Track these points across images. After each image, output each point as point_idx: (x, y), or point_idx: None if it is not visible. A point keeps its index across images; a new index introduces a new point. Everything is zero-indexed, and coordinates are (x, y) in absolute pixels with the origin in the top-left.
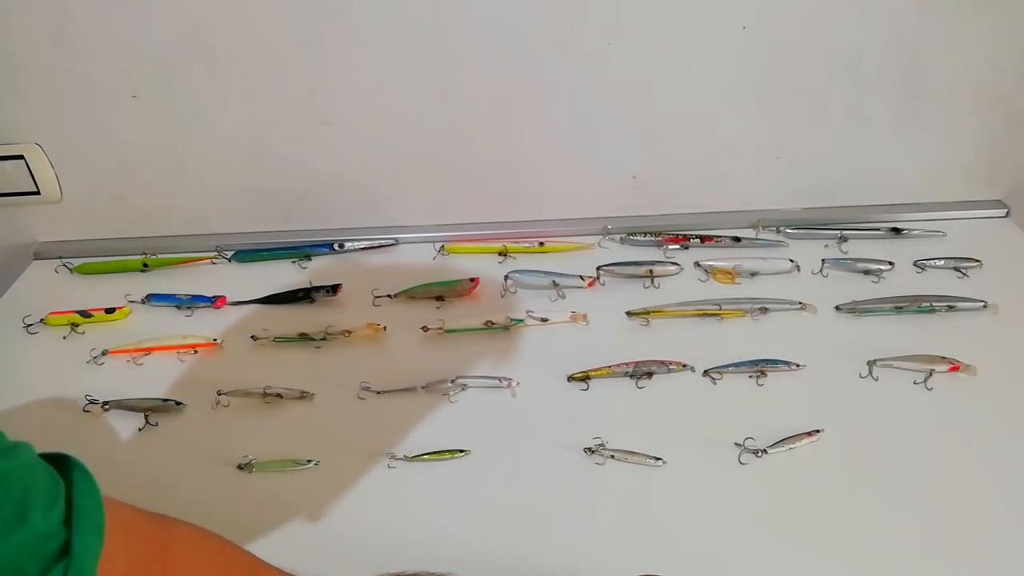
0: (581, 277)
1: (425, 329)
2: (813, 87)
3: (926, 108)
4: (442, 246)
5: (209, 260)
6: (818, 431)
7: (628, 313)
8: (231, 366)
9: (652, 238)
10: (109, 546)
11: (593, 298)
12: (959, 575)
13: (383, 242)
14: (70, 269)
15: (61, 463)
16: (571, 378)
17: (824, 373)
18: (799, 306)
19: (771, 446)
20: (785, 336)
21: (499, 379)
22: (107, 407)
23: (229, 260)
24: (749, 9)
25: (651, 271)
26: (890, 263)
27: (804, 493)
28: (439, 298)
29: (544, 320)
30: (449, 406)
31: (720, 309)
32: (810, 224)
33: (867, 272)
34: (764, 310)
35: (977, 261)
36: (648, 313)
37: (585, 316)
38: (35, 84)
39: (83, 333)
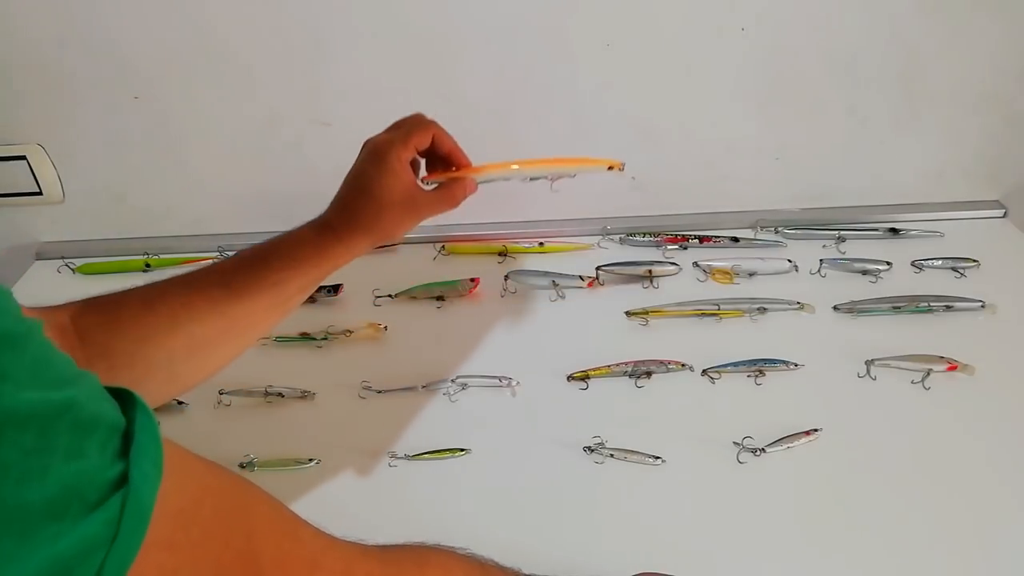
0: (581, 277)
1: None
2: (812, 88)
3: (924, 109)
4: (442, 246)
5: (211, 260)
6: (816, 430)
7: (627, 313)
8: (232, 365)
9: (651, 238)
10: (164, 484)
11: (592, 298)
12: (957, 573)
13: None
14: (72, 269)
15: (123, 397)
16: (571, 377)
17: (822, 373)
18: (797, 306)
19: (769, 445)
20: (783, 336)
21: (499, 378)
22: None
23: None
24: (748, 10)
25: (650, 271)
26: (888, 263)
27: (802, 492)
28: (439, 298)
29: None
30: (449, 405)
31: (719, 309)
32: (808, 224)
33: (865, 272)
34: (762, 310)
35: (975, 261)
36: (647, 313)
37: (623, 165)
38: (37, 85)
39: None
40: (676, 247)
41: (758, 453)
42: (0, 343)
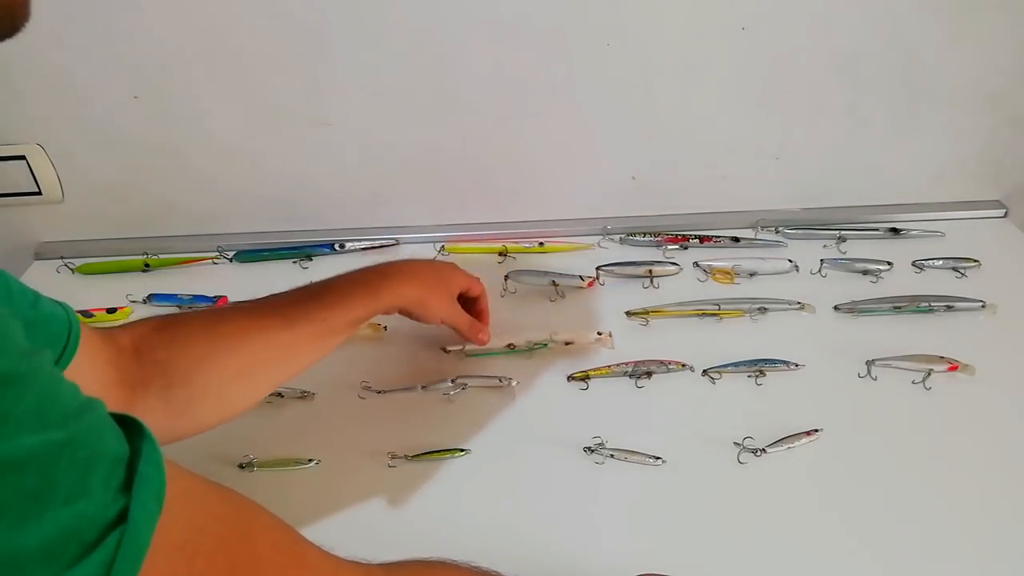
0: (581, 277)
1: (445, 350)
2: (812, 88)
3: (925, 109)
4: (442, 246)
5: (210, 260)
6: (817, 430)
7: (628, 313)
8: None
9: (651, 238)
10: (168, 515)
11: (592, 298)
12: (957, 573)
13: (384, 242)
14: (72, 269)
15: (128, 425)
16: (571, 377)
17: (823, 373)
18: (798, 306)
19: (770, 445)
20: (784, 336)
21: (499, 378)
22: None
23: (230, 260)
24: (748, 10)
25: (650, 271)
26: (888, 263)
27: (803, 492)
28: None
29: (569, 343)
30: (449, 406)
31: (719, 309)
32: (809, 224)
33: (866, 272)
34: (763, 310)
35: (975, 261)
36: (647, 313)
37: (611, 335)
38: (37, 85)
39: None
40: (676, 247)
41: (759, 453)
42: (1, 385)
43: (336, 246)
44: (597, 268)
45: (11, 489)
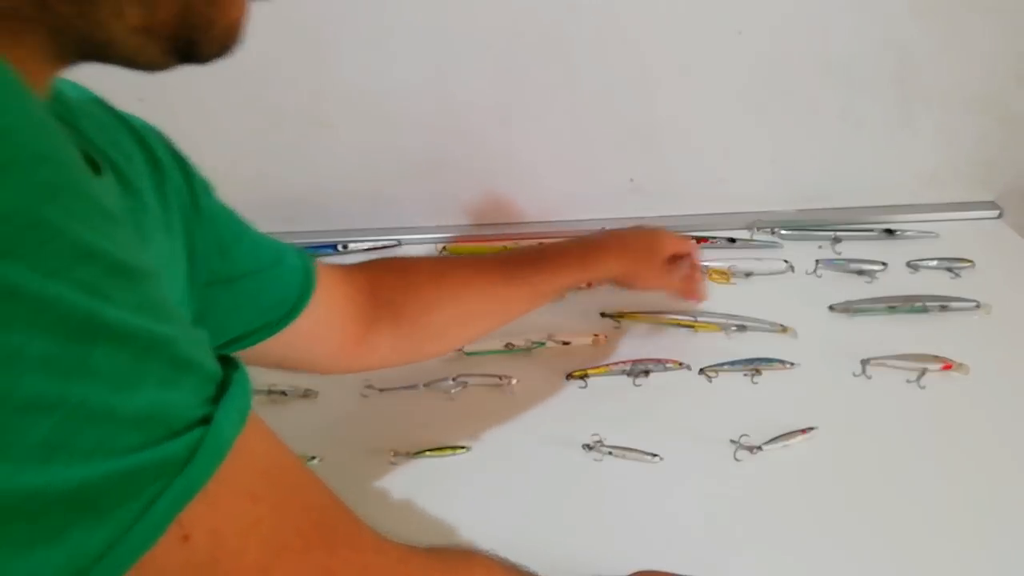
0: None
1: None
2: (807, 90)
3: (919, 110)
4: (444, 247)
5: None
6: (812, 429)
7: (602, 314)
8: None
9: None
10: (253, 444)
11: (592, 298)
12: (953, 572)
13: (386, 243)
14: None
15: (225, 360)
16: (569, 376)
17: (818, 372)
18: (780, 328)
19: (766, 443)
20: (780, 336)
21: (499, 377)
22: None
23: None
24: (744, 13)
25: None
26: (883, 263)
27: (798, 489)
28: None
29: (566, 343)
30: (450, 403)
31: (695, 321)
32: (804, 225)
33: (861, 272)
34: (742, 328)
35: (970, 262)
36: (622, 316)
37: (606, 337)
38: None
39: None
40: None
41: (755, 451)
42: (111, 270)
43: (338, 247)
44: None
45: (109, 355)
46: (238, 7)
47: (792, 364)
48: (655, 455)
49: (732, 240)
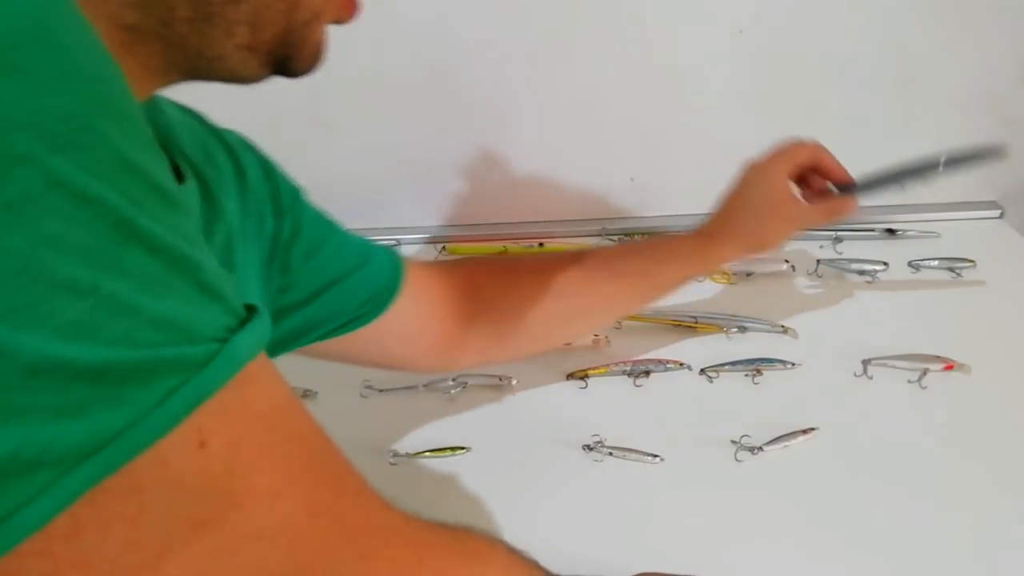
0: None
1: None
2: (808, 89)
3: (920, 110)
4: (443, 247)
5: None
6: (813, 429)
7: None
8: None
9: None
10: (267, 381)
11: None
12: (954, 573)
13: (385, 243)
14: None
15: (250, 307)
16: (570, 376)
17: (819, 372)
18: (781, 329)
19: (767, 444)
20: (781, 336)
21: (499, 377)
22: None
23: None
24: (745, 12)
25: None
26: (884, 263)
27: (799, 490)
28: None
29: (566, 344)
30: (450, 404)
31: (696, 322)
32: None
33: (862, 272)
34: (742, 329)
35: (971, 261)
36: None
37: (608, 339)
38: None
39: None
40: None
41: (756, 451)
42: (151, 188)
43: None
44: None
45: (139, 259)
46: (323, 29)
47: (793, 364)
48: (655, 456)
49: None
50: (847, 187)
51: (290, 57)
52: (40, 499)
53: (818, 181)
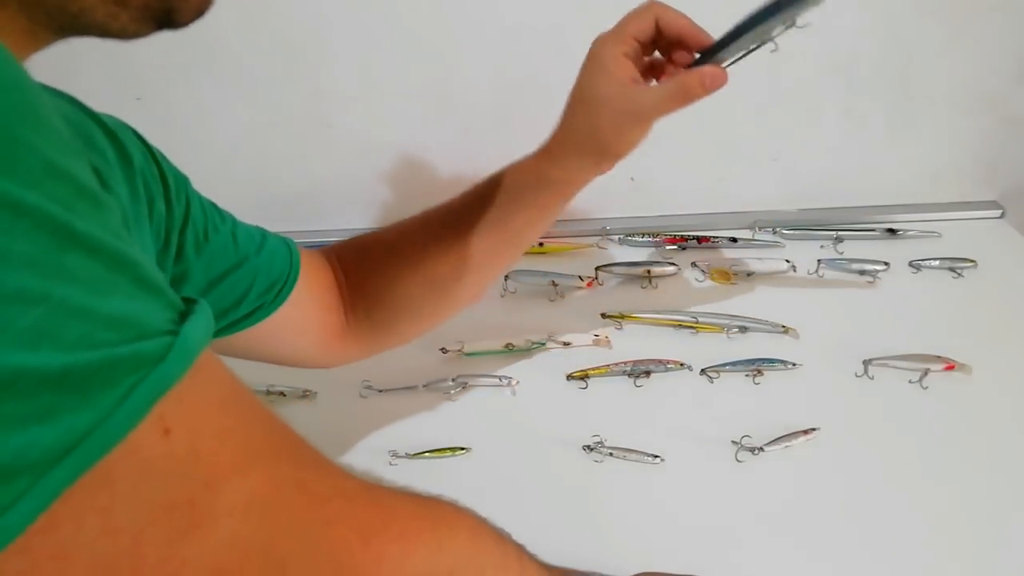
0: (580, 277)
1: (444, 351)
2: (809, 89)
3: (921, 110)
4: None
5: None
6: (814, 429)
7: (603, 315)
8: (233, 365)
9: (650, 239)
10: (216, 371)
11: (591, 298)
12: (955, 572)
13: None
14: None
15: (188, 299)
16: (570, 377)
17: (820, 372)
18: (781, 330)
19: (768, 444)
20: (781, 336)
21: (499, 377)
22: None
23: None
24: (745, 11)
25: (649, 271)
26: (885, 263)
27: (800, 491)
28: None
29: (566, 344)
30: (450, 404)
31: (696, 322)
32: (806, 225)
33: (862, 272)
34: (743, 329)
35: (972, 261)
36: (624, 317)
37: (608, 339)
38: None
39: None
40: (675, 247)
41: (756, 452)
42: (80, 191)
43: None
44: (596, 268)
45: (82, 262)
46: None
47: (794, 365)
48: (656, 456)
49: (733, 240)
50: (707, 52)
51: (173, 8)
52: (19, 504)
53: (683, 56)
